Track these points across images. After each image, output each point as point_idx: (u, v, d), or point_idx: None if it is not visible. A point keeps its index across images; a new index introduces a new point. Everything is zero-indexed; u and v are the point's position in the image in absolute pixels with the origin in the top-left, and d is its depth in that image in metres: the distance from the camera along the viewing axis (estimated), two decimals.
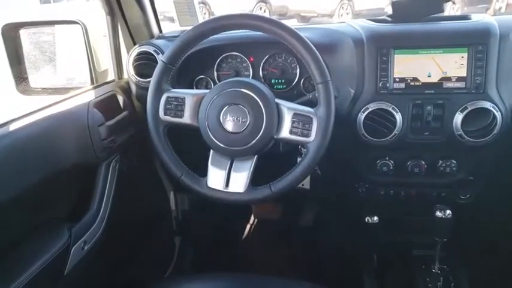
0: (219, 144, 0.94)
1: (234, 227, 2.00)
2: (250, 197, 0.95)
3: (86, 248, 1.10)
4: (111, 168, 1.22)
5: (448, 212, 1.11)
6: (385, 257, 1.38)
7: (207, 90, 0.98)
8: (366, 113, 1.07)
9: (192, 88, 1.26)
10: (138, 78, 1.24)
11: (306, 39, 0.91)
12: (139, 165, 1.44)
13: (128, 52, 1.31)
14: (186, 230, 1.77)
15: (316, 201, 1.88)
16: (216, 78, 1.24)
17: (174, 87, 1.00)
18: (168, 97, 0.97)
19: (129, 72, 1.26)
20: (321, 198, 1.75)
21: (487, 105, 1.02)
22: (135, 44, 1.33)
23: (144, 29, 1.35)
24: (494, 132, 1.03)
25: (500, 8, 7.09)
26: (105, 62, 1.35)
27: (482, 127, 1.04)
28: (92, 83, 1.29)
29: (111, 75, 1.37)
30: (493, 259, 1.49)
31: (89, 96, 1.18)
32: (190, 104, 0.97)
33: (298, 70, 1.19)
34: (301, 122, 0.91)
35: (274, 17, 0.98)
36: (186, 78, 1.25)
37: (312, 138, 0.91)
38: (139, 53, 1.23)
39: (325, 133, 0.90)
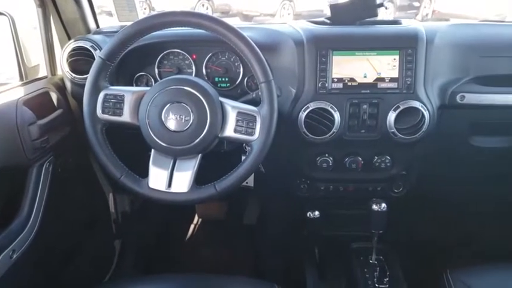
0: (161, 143, 0.92)
1: (178, 228, 1.97)
2: (194, 197, 0.94)
3: (14, 256, 1.03)
4: (43, 170, 1.15)
5: (384, 205, 1.18)
6: (326, 250, 1.43)
7: (148, 88, 0.96)
8: (306, 111, 1.10)
9: (132, 85, 1.22)
10: (74, 75, 1.18)
11: (249, 39, 0.92)
12: (76, 166, 1.37)
13: (61, 47, 1.24)
14: (127, 233, 1.71)
15: (259, 199, 1.90)
16: (157, 76, 1.21)
17: (112, 85, 0.97)
18: (106, 95, 0.94)
19: (63, 68, 1.19)
20: (265, 195, 1.78)
21: (417, 104, 1.09)
22: (69, 38, 1.26)
23: (79, 23, 1.29)
24: (423, 129, 1.11)
25: (427, 14, 7.63)
26: (37, 57, 1.27)
27: (413, 125, 1.11)
28: (22, 79, 1.21)
29: (44, 71, 1.29)
30: (423, 248, 1.61)
31: (17, 93, 1.10)
32: (130, 101, 0.94)
33: (241, 69, 1.19)
34: (245, 121, 0.92)
35: (216, 15, 0.98)
36: (126, 75, 1.21)
37: (255, 136, 0.92)
38: (75, 48, 1.17)
39: (268, 131, 0.91)
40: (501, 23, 1.33)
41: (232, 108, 0.93)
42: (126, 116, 0.94)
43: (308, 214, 1.30)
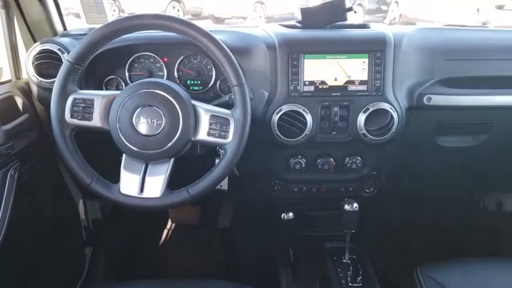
0: (132, 147, 0.91)
1: (150, 233, 1.94)
2: (167, 202, 0.93)
3: None
4: (8, 177, 1.10)
5: (355, 205, 1.20)
6: (300, 251, 1.44)
7: (118, 91, 0.94)
8: (279, 114, 1.11)
9: (102, 89, 1.20)
10: (40, 79, 1.15)
11: (221, 42, 0.92)
12: (43, 173, 1.33)
13: (26, 50, 1.20)
14: (98, 240, 1.67)
15: (233, 202, 1.90)
16: (127, 79, 1.19)
17: (81, 88, 0.95)
18: (74, 99, 0.92)
19: (29, 71, 1.16)
20: (239, 198, 1.78)
21: (386, 106, 1.12)
22: (35, 41, 1.22)
23: (45, 25, 1.25)
24: (392, 130, 1.14)
25: (394, 18, 7.87)
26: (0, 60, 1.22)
27: (382, 126, 1.14)
28: None
29: (7, 75, 1.24)
30: (394, 245, 1.65)
31: None
32: (100, 106, 0.92)
33: (214, 72, 1.19)
34: (219, 124, 0.92)
35: (187, 17, 0.98)
36: (95, 79, 1.18)
37: (229, 139, 0.92)
38: (41, 51, 1.14)
39: (242, 134, 0.92)
40: (464, 28, 1.38)
41: (205, 112, 0.93)
42: (96, 121, 0.92)
43: (282, 215, 1.31)
